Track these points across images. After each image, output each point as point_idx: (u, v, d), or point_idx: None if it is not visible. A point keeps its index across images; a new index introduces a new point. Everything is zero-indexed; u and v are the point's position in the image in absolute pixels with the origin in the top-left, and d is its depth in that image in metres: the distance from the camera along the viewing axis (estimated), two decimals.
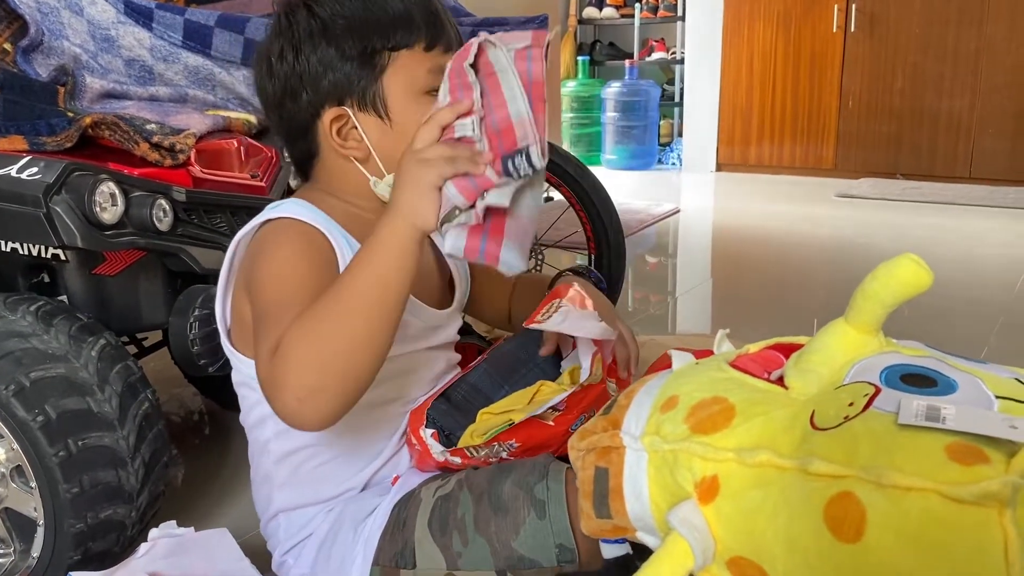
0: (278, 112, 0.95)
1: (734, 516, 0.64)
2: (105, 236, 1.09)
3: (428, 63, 0.91)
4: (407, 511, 0.91)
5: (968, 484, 0.54)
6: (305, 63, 0.90)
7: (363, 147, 0.92)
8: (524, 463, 0.89)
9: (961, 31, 4.19)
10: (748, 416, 0.67)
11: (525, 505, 0.85)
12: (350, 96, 0.91)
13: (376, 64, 0.90)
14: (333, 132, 0.92)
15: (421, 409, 0.95)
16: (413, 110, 0.90)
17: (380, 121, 0.91)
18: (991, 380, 0.66)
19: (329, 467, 0.96)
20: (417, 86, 0.91)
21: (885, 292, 0.69)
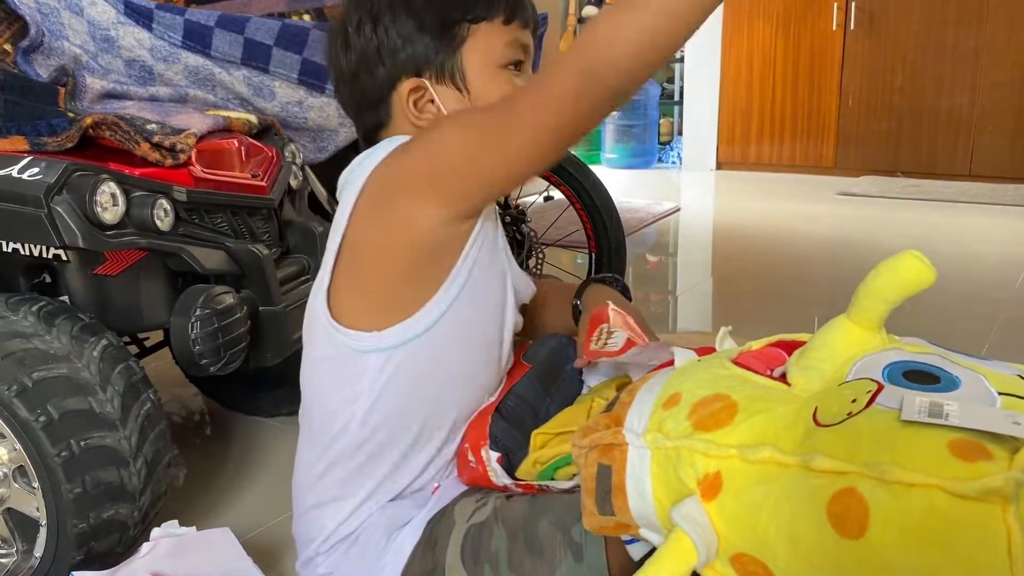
0: (351, 84, 0.94)
1: (737, 512, 0.64)
2: (106, 236, 1.09)
3: (507, 36, 0.90)
4: (440, 530, 0.89)
5: (971, 480, 0.54)
6: (384, 35, 0.90)
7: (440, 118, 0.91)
8: (561, 500, 0.86)
9: (960, 29, 4.19)
10: (750, 413, 0.67)
11: (561, 547, 0.82)
12: (428, 68, 0.90)
13: (455, 36, 0.89)
14: (410, 103, 0.91)
15: (482, 425, 0.92)
16: (491, 83, 0.90)
17: (458, 94, 0.91)
18: (994, 377, 0.66)
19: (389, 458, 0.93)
20: (495, 59, 0.90)
21: (888, 289, 0.69)
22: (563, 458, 0.89)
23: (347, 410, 0.92)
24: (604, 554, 0.81)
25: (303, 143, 1.62)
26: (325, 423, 0.95)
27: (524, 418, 0.93)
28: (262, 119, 1.46)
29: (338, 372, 0.92)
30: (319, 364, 0.94)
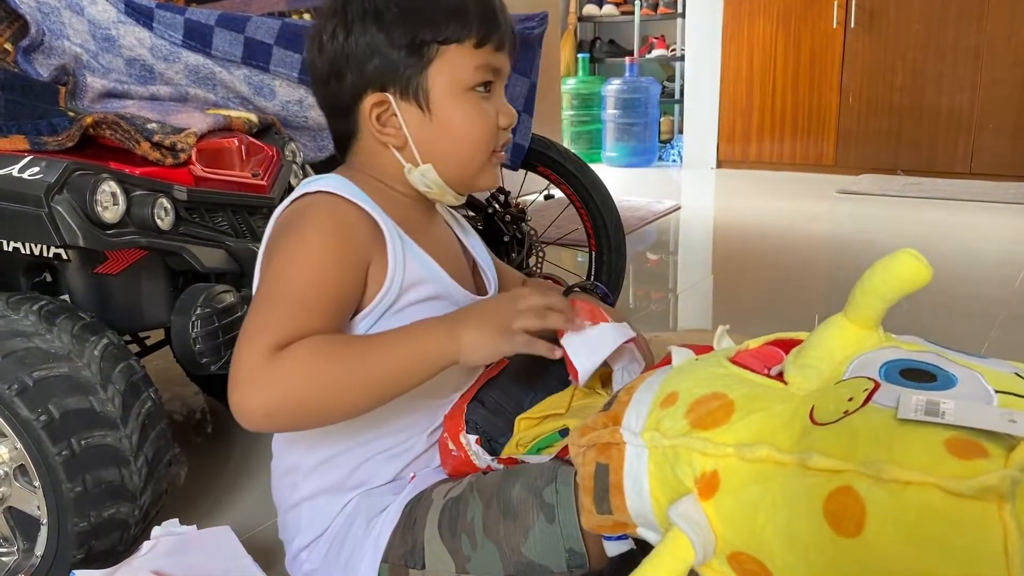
0: (323, 89, 0.95)
1: (734, 511, 0.64)
2: (106, 235, 1.09)
3: (477, 60, 0.90)
4: (418, 511, 0.91)
5: (967, 478, 0.54)
6: (354, 45, 0.90)
7: (401, 135, 0.92)
8: (533, 467, 0.88)
9: (961, 27, 4.19)
10: (747, 412, 0.67)
11: (534, 509, 0.84)
12: (393, 84, 0.90)
13: (423, 55, 0.89)
14: (373, 117, 0.92)
15: (458, 414, 0.94)
16: (455, 106, 0.91)
17: (421, 112, 0.91)
18: (991, 375, 0.66)
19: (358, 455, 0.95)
20: (462, 82, 0.91)
21: (884, 287, 0.69)
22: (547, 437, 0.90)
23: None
24: (576, 515, 0.82)
25: (304, 142, 1.62)
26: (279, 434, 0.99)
27: (506, 408, 0.96)
28: (263, 118, 1.46)
29: None
30: None
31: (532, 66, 1.75)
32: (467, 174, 0.95)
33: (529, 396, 0.99)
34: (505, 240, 1.87)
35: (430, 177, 0.93)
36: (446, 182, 0.94)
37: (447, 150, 0.93)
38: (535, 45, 1.75)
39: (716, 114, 4.91)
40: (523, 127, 1.78)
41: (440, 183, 0.94)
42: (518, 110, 1.76)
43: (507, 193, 1.89)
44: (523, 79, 1.75)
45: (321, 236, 0.86)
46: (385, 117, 0.92)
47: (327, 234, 0.86)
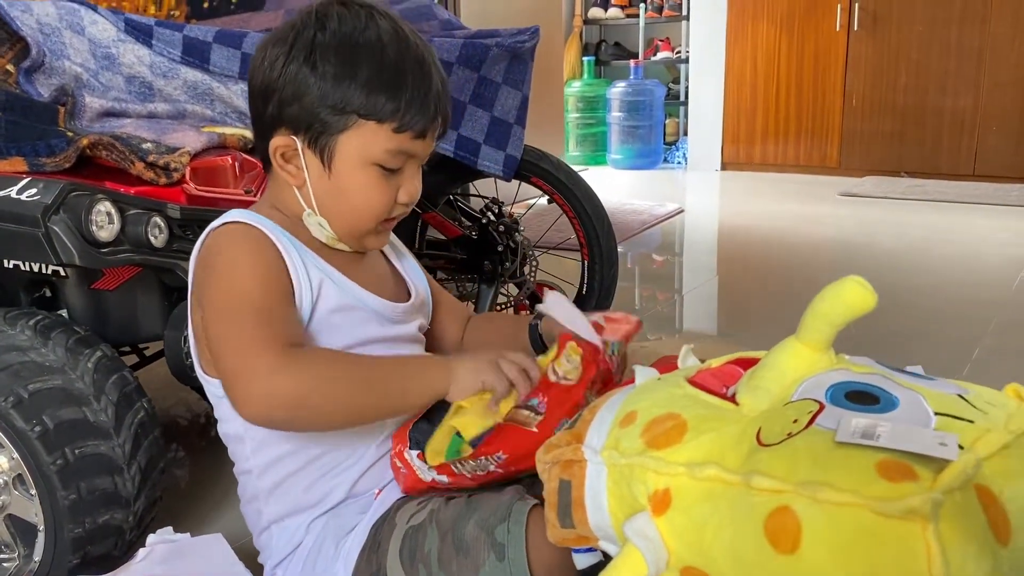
0: (251, 102, 0.97)
1: (685, 528, 0.67)
2: (102, 253, 1.13)
3: (391, 143, 0.91)
4: (382, 534, 0.94)
5: (894, 500, 0.57)
6: (283, 82, 0.91)
7: (301, 177, 0.94)
8: (490, 501, 0.90)
9: (964, 29, 4.19)
10: (699, 432, 0.70)
11: (485, 547, 0.86)
12: (305, 132, 0.92)
13: (341, 120, 0.90)
14: (278, 155, 0.94)
15: (403, 432, 0.96)
16: (354, 176, 0.93)
17: (322, 168, 0.93)
18: (933, 397, 0.69)
19: (311, 473, 0.98)
20: (370, 157, 0.92)
21: (832, 312, 0.72)
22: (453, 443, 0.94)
23: (240, 450, 1.00)
24: (525, 553, 0.85)
25: None
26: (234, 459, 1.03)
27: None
28: None
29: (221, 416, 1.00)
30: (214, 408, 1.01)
31: (524, 79, 1.78)
32: (353, 236, 0.98)
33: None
34: (499, 249, 1.90)
35: (325, 227, 0.96)
36: (337, 236, 0.97)
37: (337, 210, 0.95)
38: (527, 58, 1.77)
39: (720, 116, 4.92)
40: (515, 139, 1.81)
41: (332, 234, 0.97)
42: (510, 122, 1.79)
43: (500, 204, 1.93)
44: (514, 91, 1.78)
45: (246, 255, 0.91)
46: (289, 154, 0.94)
47: (250, 252, 0.92)
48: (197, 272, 0.96)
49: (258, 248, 0.92)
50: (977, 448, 0.62)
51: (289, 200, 0.97)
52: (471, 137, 1.76)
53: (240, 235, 0.93)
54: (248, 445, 0.99)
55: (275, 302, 0.90)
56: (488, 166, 1.79)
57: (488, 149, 1.77)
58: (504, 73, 1.75)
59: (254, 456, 0.99)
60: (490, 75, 1.75)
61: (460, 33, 1.77)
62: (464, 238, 1.92)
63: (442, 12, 1.91)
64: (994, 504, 0.61)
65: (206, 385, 1.00)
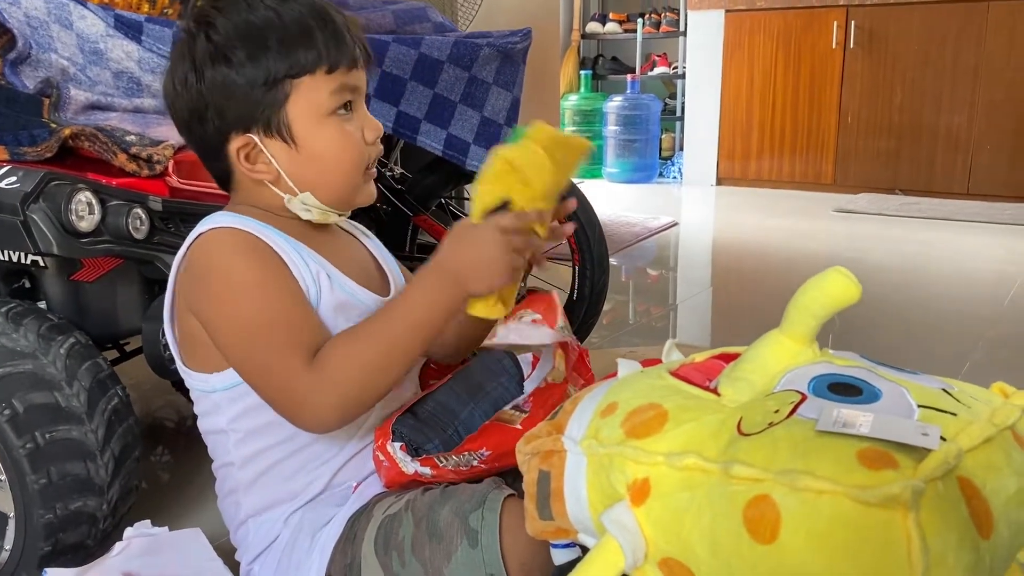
0: (187, 132, 0.96)
1: (663, 517, 0.66)
2: (81, 244, 1.11)
3: (331, 84, 0.91)
4: (359, 525, 0.93)
5: (874, 487, 0.56)
6: (208, 89, 0.90)
7: (272, 170, 0.93)
8: (465, 490, 0.90)
9: (960, 48, 4.20)
10: (679, 421, 0.69)
11: (459, 533, 0.86)
12: (255, 123, 0.91)
13: (279, 91, 0.90)
14: (241, 158, 0.92)
15: (386, 425, 0.96)
16: (318, 133, 0.92)
17: (287, 146, 0.92)
18: (917, 390, 0.68)
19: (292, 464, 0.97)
20: (321, 109, 0.91)
21: (815, 304, 0.71)
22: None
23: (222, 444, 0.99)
24: (498, 540, 0.85)
25: None
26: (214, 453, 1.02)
27: (439, 418, 0.97)
28: None
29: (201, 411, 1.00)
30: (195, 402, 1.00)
31: (515, 80, 1.78)
32: (344, 195, 0.97)
33: (468, 407, 1.00)
34: None
35: (310, 203, 0.95)
36: (326, 205, 0.96)
37: (319, 177, 0.94)
38: (518, 60, 1.77)
39: (716, 132, 4.92)
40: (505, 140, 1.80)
41: (321, 206, 0.95)
42: (500, 123, 1.78)
43: None
44: (505, 93, 1.77)
45: (242, 264, 0.90)
46: (254, 155, 0.93)
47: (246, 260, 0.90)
48: (184, 281, 0.94)
49: (253, 254, 0.91)
50: (959, 440, 0.61)
51: (265, 197, 0.95)
52: (461, 136, 1.75)
53: (231, 243, 0.91)
54: (232, 438, 0.97)
55: (286, 307, 0.89)
56: (477, 166, 1.77)
57: (477, 149, 1.76)
58: (495, 74, 1.75)
59: (237, 449, 0.97)
60: (481, 75, 1.74)
61: (451, 35, 1.77)
62: None
63: (436, 15, 1.90)
64: (977, 497, 0.60)
65: (188, 379, 0.98)
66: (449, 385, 1.03)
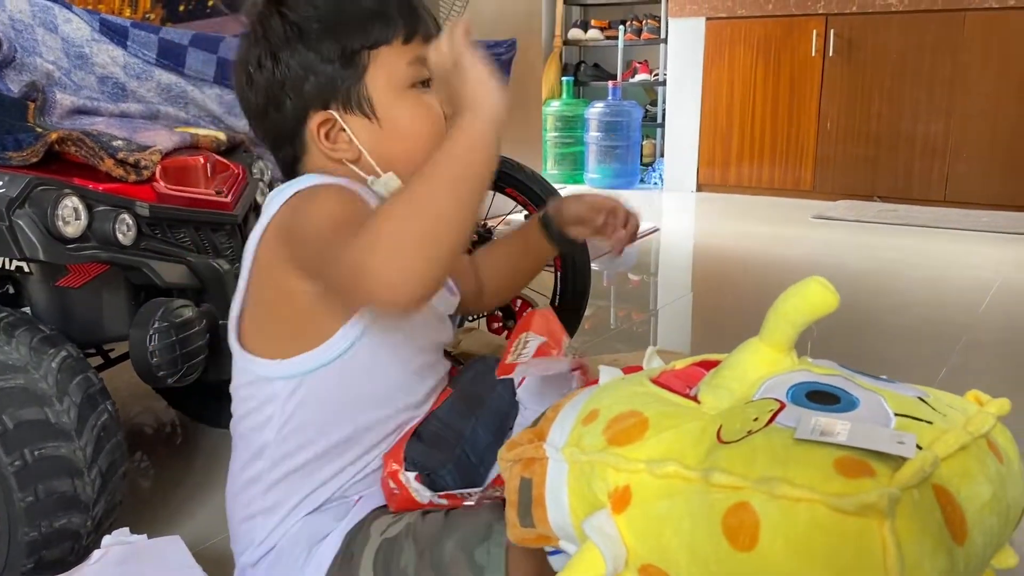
0: (262, 122, 0.95)
1: (644, 525, 0.67)
2: (67, 249, 1.11)
3: (408, 55, 0.91)
4: (355, 545, 0.91)
5: (850, 496, 0.57)
6: (285, 69, 0.89)
7: (354, 148, 0.92)
8: (469, 519, 0.87)
9: (937, 57, 4.26)
10: (660, 429, 0.70)
11: (464, 569, 0.84)
12: (334, 99, 0.90)
13: (357, 64, 0.90)
14: (321, 136, 0.91)
15: (397, 451, 0.94)
16: (399, 107, 0.91)
17: (367, 121, 0.91)
18: (893, 398, 0.69)
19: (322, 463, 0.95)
20: (400, 81, 0.91)
21: (795, 312, 0.72)
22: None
23: (259, 437, 0.95)
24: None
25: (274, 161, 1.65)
26: (244, 444, 0.98)
27: (446, 439, 0.95)
28: (231, 136, 1.49)
29: (249, 399, 0.96)
30: (236, 392, 0.97)
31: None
32: None
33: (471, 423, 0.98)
34: None
35: (393, 184, 0.93)
36: None
37: (403, 152, 0.92)
38: (504, 71, 1.78)
39: (696, 138, 4.96)
40: None
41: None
42: None
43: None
44: None
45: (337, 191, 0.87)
46: (334, 134, 0.92)
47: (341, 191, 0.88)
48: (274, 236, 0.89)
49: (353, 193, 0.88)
50: (935, 448, 0.63)
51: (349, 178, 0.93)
52: None
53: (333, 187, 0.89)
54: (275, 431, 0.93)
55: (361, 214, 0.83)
56: None
57: None
58: None
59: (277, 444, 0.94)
60: None
61: None
62: None
63: None
64: (951, 504, 0.61)
65: (249, 365, 0.94)
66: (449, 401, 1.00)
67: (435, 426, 0.96)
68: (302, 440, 0.94)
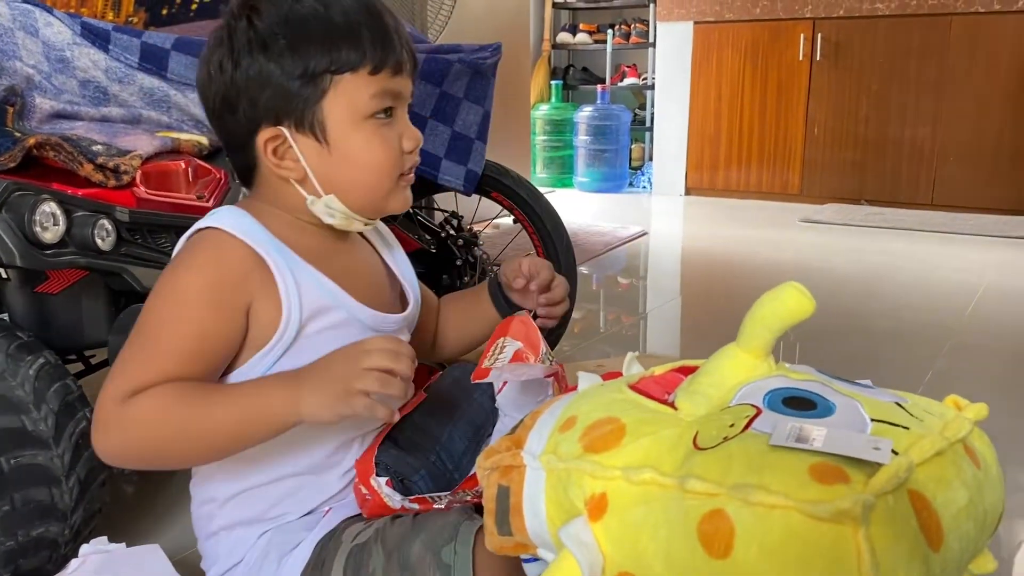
0: (216, 122, 0.93)
1: (620, 532, 0.67)
2: (45, 255, 1.10)
3: (373, 87, 0.88)
4: (327, 552, 0.90)
5: (825, 502, 0.57)
6: (243, 77, 0.87)
7: (300, 168, 0.89)
8: (436, 520, 0.87)
9: (923, 61, 4.28)
10: (637, 436, 0.70)
11: (431, 568, 0.84)
12: (287, 117, 0.88)
13: (317, 86, 0.86)
14: (269, 151, 0.89)
15: (368, 457, 0.93)
16: (353, 137, 0.89)
17: (317, 144, 0.88)
18: (870, 404, 0.69)
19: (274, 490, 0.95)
20: (359, 111, 0.88)
21: (771, 318, 0.72)
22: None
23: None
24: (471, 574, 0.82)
25: None
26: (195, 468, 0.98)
27: (420, 444, 0.94)
28: (214, 141, 1.48)
29: None
30: None
31: (485, 95, 1.79)
32: (374, 202, 0.93)
33: (447, 429, 0.98)
34: (458, 264, 1.89)
35: (335, 207, 0.91)
36: (353, 210, 0.92)
37: (349, 180, 0.91)
38: (488, 75, 1.78)
39: (685, 142, 4.97)
40: (476, 154, 1.81)
41: (346, 211, 0.92)
42: (471, 137, 1.79)
43: (460, 218, 1.92)
44: (476, 107, 1.78)
45: (195, 276, 0.86)
46: (282, 150, 0.89)
47: (201, 275, 0.86)
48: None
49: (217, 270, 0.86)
50: (911, 453, 0.63)
51: (288, 196, 0.92)
52: (432, 151, 1.76)
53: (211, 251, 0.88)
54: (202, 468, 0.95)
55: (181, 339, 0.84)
56: (449, 180, 1.79)
57: (449, 164, 1.77)
58: (466, 89, 1.76)
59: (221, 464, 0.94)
60: (452, 90, 1.75)
61: (422, 47, 1.77)
62: (423, 251, 1.92)
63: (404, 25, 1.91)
64: (927, 509, 0.61)
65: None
66: (425, 406, 1.00)
67: (409, 432, 0.96)
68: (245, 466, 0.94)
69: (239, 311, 0.87)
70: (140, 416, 0.82)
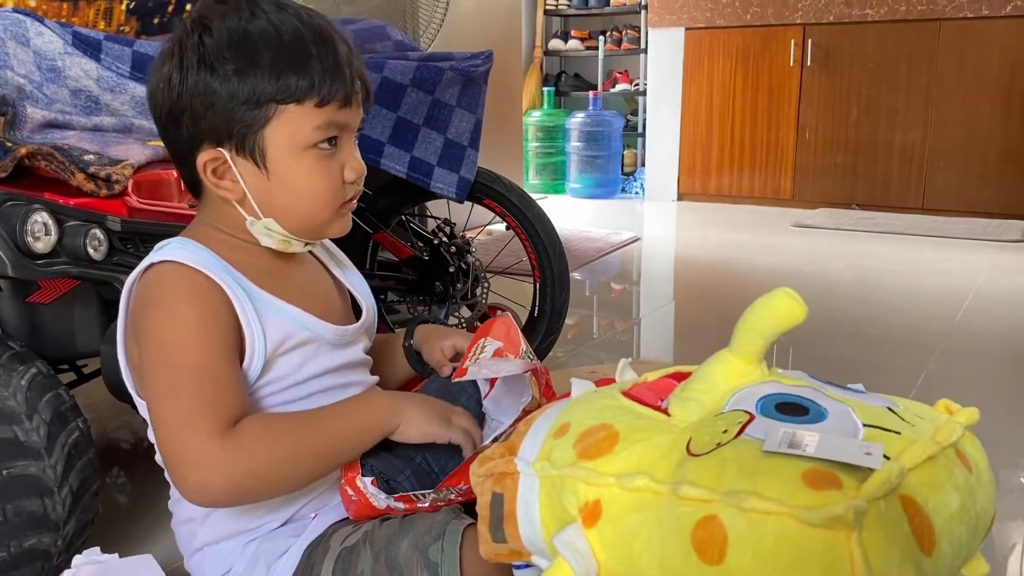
0: (163, 133, 0.92)
1: (614, 539, 0.67)
2: (37, 265, 1.10)
3: (318, 119, 0.87)
4: (315, 557, 0.91)
5: (818, 508, 0.57)
6: (189, 94, 0.86)
7: (239, 190, 0.89)
8: (424, 520, 0.88)
9: (913, 66, 4.30)
10: (630, 442, 0.70)
11: (419, 567, 0.84)
12: (229, 139, 0.87)
13: (261, 113, 0.86)
14: (208, 171, 0.88)
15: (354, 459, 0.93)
16: (293, 166, 0.88)
17: (257, 170, 0.88)
18: (862, 409, 0.70)
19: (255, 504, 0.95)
20: (302, 142, 0.87)
21: (763, 324, 0.73)
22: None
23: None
24: (459, 572, 0.83)
25: None
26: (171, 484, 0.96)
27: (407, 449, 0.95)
28: None
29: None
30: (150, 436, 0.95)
31: (477, 102, 1.79)
32: (312, 228, 0.94)
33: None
34: (451, 271, 1.89)
35: (274, 229, 0.91)
36: (291, 233, 0.92)
37: (287, 207, 0.90)
38: (480, 82, 1.79)
39: (677, 148, 4.99)
40: (469, 161, 1.82)
41: (284, 234, 0.92)
42: (464, 145, 1.79)
43: (452, 225, 1.93)
44: (468, 115, 1.79)
45: (187, 308, 0.86)
46: (221, 171, 0.89)
47: (192, 306, 0.86)
48: (134, 307, 0.91)
49: (200, 300, 0.86)
50: (903, 458, 0.63)
51: (230, 216, 0.92)
52: (424, 159, 1.76)
53: (182, 283, 0.87)
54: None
55: (219, 367, 0.85)
56: (441, 188, 1.80)
57: (441, 171, 1.77)
58: (458, 96, 1.76)
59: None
60: (444, 98, 1.76)
61: (414, 55, 1.78)
62: (416, 259, 1.92)
63: (395, 33, 1.91)
64: (919, 514, 0.62)
65: (141, 408, 0.95)
66: None
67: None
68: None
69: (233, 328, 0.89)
70: (252, 444, 0.83)
